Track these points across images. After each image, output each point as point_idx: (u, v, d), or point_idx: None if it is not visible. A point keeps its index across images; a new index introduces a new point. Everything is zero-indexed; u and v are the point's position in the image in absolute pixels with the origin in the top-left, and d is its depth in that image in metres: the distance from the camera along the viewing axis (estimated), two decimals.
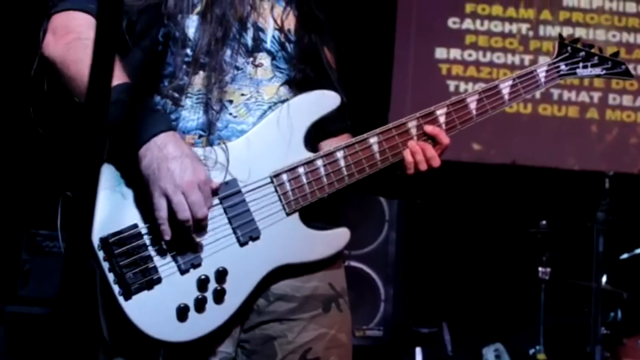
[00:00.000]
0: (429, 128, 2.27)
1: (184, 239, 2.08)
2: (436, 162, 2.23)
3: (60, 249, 5.31)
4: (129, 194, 2.10)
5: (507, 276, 5.95)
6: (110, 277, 2.05)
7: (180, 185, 2.02)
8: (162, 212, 2.02)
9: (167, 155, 2.03)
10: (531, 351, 5.29)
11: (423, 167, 2.22)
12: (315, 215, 2.24)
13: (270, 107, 2.25)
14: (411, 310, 5.38)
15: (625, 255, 5.18)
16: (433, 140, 2.26)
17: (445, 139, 2.25)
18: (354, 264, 4.99)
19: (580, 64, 2.47)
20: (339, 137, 2.36)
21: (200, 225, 2.07)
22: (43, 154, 5.39)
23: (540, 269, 5.23)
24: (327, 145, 2.33)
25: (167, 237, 2.04)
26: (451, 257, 6.19)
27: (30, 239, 5.00)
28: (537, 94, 6.37)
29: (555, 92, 6.61)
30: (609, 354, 5.01)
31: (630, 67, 2.53)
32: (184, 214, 2.02)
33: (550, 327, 5.27)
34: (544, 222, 5.29)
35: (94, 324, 2.13)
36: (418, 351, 4.98)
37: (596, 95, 6.55)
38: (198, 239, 2.10)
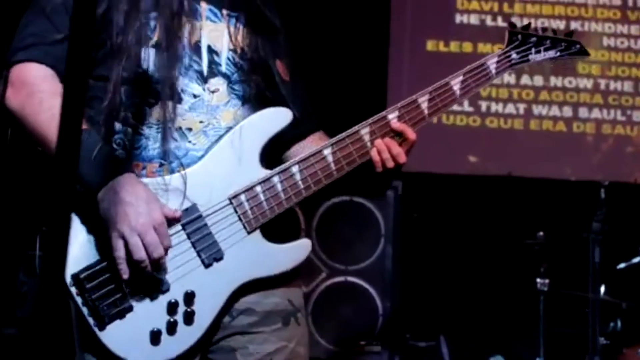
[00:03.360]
0: (395, 125, 2.32)
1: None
2: (402, 159, 2.29)
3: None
4: (92, 233, 2.14)
5: (505, 288, 5.92)
6: (84, 310, 2.09)
7: (135, 227, 2.06)
8: (120, 252, 2.07)
9: (123, 199, 2.08)
10: None
11: (390, 164, 2.29)
12: (278, 229, 2.29)
13: (227, 132, 2.30)
14: (408, 324, 5.35)
15: (622, 265, 5.06)
16: (400, 136, 2.31)
17: (411, 135, 2.30)
18: (350, 279, 5.00)
19: (533, 50, 2.49)
20: (307, 139, 2.44)
21: (159, 263, 2.11)
22: (36, 177, 5.47)
23: (538, 280, 5.10)
24: (296, 149, 2.42)
25: (125, 275, 2.09)
26: (448, 270, 6.17)
27: (27, 260, 4.87)
28: (536, 112, 6.43)
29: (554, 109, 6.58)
30: None
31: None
32: (139, 254, 2.06)
33: (550, 338, 5.15)
34: (541, 233, 5.17)
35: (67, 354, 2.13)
36: None
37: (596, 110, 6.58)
38: (163, 268, 2.14)
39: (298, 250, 2.30)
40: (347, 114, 2.59)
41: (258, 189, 2.24)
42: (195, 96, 2.28)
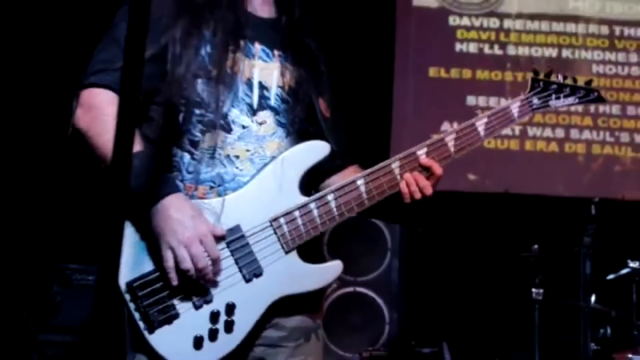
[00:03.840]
0: (424, 160, 2.34)
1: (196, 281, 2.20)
2: (428, 191, 2.30)
3: (88, 281, 5.34)
4: (146, 245, 2.21)
5: (503, 297, 5.92)
6: (136, 315, 2.16)
7: (182, 240, 2.13)
8: (169, 263, 2.14)
9: (171, 216, 2.14)
10: None
11: (417, 196, 2.30)
12: (311, 250, 2.33)
13: (271, 161, 2.34)
14: (413, 332, 5.37)
15: (611, 276, 5.15)
16: (427, 170, 2.33)
17: (438, 170, 2.32)
18: (359, 289, 5.09)
19: (553, 96, 2.50)
20: (343, 171, 2.48)
21: (204, 272, 2.17)
22: (72, 196, 5.67)
23: (533, 290, 5.21)
24: (334, 180, 2.44)
25: (174, 283, 2.15)
26: (450, 281, 6.18)
27: (60, 273, 5.06)
28: (530, 133, 6.47)
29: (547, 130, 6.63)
30: None
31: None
32: (185, 264, 2.13)
33: (545, 344, 5.24)
34: (535, 246, 5.28)
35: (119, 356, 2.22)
36: None
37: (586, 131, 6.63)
38: (208, 277, 2.19)
39: (331, 270, 2.34)
40: (354, 137, 2.64)
41: (296, 213, 2.29)
42: (244, 127, 2.33)
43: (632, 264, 5.04)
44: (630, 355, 4.82)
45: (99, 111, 2.24)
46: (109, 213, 1.32)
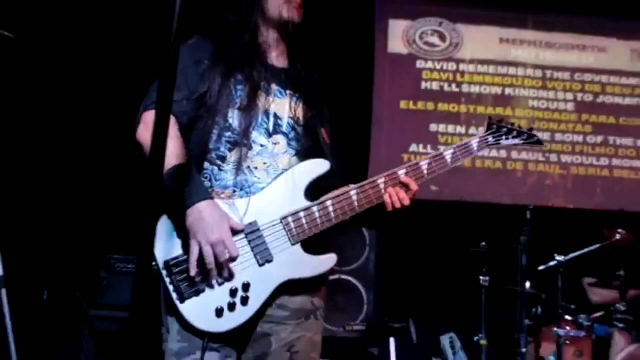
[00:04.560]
0: (403, 178, 2.34)
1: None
2: (406, 202, 2.31)
3: (128, 268, 5.22)
4: (180, 236, 2.21)
5: (457, 283, 5.96)
6: (170, 287, 2.18)
7: (209, 240, 2.13)
8: (194, 256, 2.15)
9: (203, 218, 2.14)
10: (475, 338, 5.33)
11: (397, 205, 2.31)
12: (313, 244, 2.32)
13: (283, 172, 2.34)
14: (386, 310, 5.29)
15: (542, 267, 5.21)
16: (406, 186, 2.34)
17: (414, 186, 2.34)
18: (343, 277, 5.02)
19: (504, 137, 2.52)
20: (340, 189, 2.41)
21: (223, 265, 2.16)
22: (117, 198, 5.64)
23: (481, 277, 5.35)
24: (333, 195, 2.38)
25: (193, 273, 2.15)
26: (416, 270, 6.24)
27: (106, 261, 5.09)
28: (479, 154, 6.20)
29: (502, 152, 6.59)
30: (532, 338, 5.21)
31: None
32: (208, 259, 2.14)
33: (489, 320, 5.36)
34: (483, 243, 5.39)
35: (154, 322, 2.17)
36: (391, 341, 4.93)
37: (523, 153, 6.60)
38: (227, 268, 2.18)
39: (327, 260, 2.32)
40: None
41: (301, 214, 2.29)
42: (262, 145, 2.34)
43: (558, 257, 5.16)
44: (555, 329, 5.00)
45: None
46: (143, 213, 1.32)
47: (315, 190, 2.38)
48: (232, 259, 2.18)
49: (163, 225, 2.21)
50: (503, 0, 6.65)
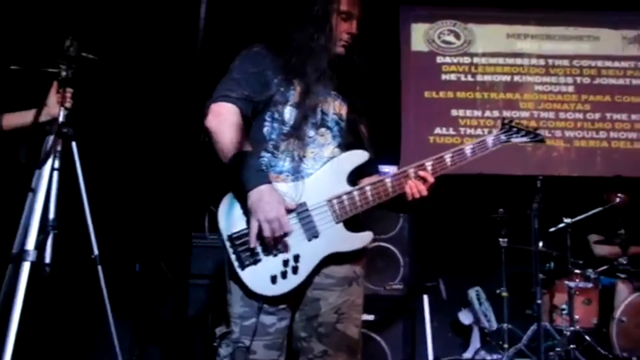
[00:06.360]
0: (421, 173, 2.33)
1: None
2: (424, 193, 2.30)
3: (205, 243, 5.21)
4: (243, 213, 2.20)
5: (480, 245, 5.88)
6: (233, 257, 2.18)
7: (267, 218, 2.14)
8: (254, 231, 2.16)
9: (262, 199, 2.15)
10: (497, 291, 5.34)
11: (417, 195, 2.30)
12: (353, 223, 2.31)
13: (328, 160, 2.33)
14: (419, 272, 5.25)
15: (552, 229, 5.23)
16: (424, 180, 2.32)
17: (430, 179, 2.32)
18: (382, 244, 4.85)
19: (514, 135, 2.49)
20: (371, 177, 2.42)
21: (279, 240, 2.17)
22: (199, 184, 5.61)
23: (500, 239, 5.34)
24: (366, 181, 2.38)
25: (253, 245, 2.16)
26: (444, 236, 6.14)
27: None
28: None
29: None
30: (546, 290, 5.21)
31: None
32: (266, 233, 2.15)
33: (509, 276, 5.35)
34: (501, 210, 5.36)
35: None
36: (425, 298, 4.95)
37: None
38: (282, 241, 2.19)
39: (365, 237, 2.29)
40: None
41: (344, 197, 2.27)
42: (310, 137, 2.32)
43: (566, 220, 5.18)
44: (566, 282, 5.05)
45: (224, 117, 2.24)
46: (190, 200, 1.32)
47: (356, 176, 2.36)
48: (286, 234, 2.18)
49: (225, 206, 2.20)
50: (508, 2, 6.61)
